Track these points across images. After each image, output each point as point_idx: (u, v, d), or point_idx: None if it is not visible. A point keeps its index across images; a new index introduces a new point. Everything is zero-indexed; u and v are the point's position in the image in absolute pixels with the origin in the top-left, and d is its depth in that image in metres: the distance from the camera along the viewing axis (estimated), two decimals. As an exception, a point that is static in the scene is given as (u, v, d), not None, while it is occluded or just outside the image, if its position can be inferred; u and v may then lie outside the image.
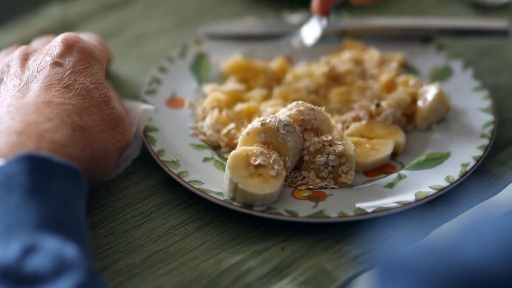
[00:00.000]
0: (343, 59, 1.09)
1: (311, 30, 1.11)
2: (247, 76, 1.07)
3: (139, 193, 0.95)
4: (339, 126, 1.00)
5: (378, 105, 0.99)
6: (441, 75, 1.08)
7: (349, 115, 1.00)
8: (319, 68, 1.07)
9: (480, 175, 0.95)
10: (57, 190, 0.77)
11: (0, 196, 0.75)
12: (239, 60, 1.08)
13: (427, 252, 0.63)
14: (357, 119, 1.00)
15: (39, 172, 0.77)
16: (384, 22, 1.14)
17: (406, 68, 1.10)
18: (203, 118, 1.02)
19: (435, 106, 1.00)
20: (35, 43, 1.02)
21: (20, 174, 0.76)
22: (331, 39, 1.14)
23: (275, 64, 1.09)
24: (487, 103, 1.03)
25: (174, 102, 1.04)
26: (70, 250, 0.72)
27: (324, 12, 1.09)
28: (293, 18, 1.17)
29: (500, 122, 1.02)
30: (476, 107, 1.03)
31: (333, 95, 1.04)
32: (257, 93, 1.05)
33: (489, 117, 1.01)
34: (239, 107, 1.02)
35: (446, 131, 1.00)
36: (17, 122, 0.83)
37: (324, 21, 1.10)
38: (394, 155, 0.98)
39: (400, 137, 0.98)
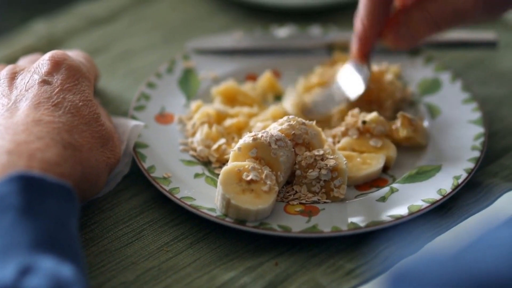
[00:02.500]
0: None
1: (351, 81, 1.05)
2: (237, 100, 1.07)
3: (130, 210, 0.94)
4: (330, 140, 0.99)
5: (364, 122, 0.98)
6: (430, 87, 1.08)
7: (339, 130, 1.00)
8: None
9: (472, 187, 0.95)
10: (50, 209, 0.77)
11: (-7, 217, 0.74)
12: (231, 87, 1.07)
13: (438, 260, 0.63)
14: (346, 133, 0.99)
15: (32, 192, 0.77)
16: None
17: (394, 81, 1.10)
18: (193, 134, 1.01)
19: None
20: (22, 61, 1.01)
21: (13, 194, 0.76)
22: (318, 52, 1.14)
23: (263, 79, 1.09)
24: (476, 115, 1.03)
25: (163, 118, 1.04)
26: (66, 270, 0.71)
27: (365, 58, 1.03)
28: (281, 32, 1.16)
29: (490, 133, 1.02)
30: (466, 119, 1.03)
31: (334, 114, 1.04)
32: (246, 110, 1.04)
33: (480, 129, 1.01)
34: (229, 122, 1.02)
35: (437, 144, 1.00)
36: (7, 141, 0.82)
37: (366, 69, 1.03)
38: (385, 168, 0.97)
39: (392, 150, 0.98)
